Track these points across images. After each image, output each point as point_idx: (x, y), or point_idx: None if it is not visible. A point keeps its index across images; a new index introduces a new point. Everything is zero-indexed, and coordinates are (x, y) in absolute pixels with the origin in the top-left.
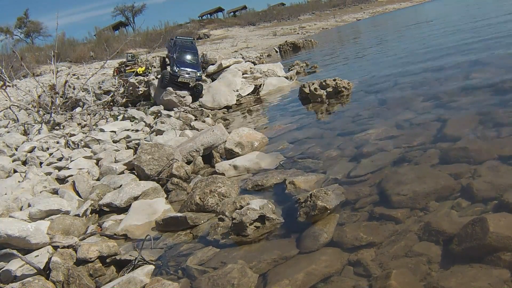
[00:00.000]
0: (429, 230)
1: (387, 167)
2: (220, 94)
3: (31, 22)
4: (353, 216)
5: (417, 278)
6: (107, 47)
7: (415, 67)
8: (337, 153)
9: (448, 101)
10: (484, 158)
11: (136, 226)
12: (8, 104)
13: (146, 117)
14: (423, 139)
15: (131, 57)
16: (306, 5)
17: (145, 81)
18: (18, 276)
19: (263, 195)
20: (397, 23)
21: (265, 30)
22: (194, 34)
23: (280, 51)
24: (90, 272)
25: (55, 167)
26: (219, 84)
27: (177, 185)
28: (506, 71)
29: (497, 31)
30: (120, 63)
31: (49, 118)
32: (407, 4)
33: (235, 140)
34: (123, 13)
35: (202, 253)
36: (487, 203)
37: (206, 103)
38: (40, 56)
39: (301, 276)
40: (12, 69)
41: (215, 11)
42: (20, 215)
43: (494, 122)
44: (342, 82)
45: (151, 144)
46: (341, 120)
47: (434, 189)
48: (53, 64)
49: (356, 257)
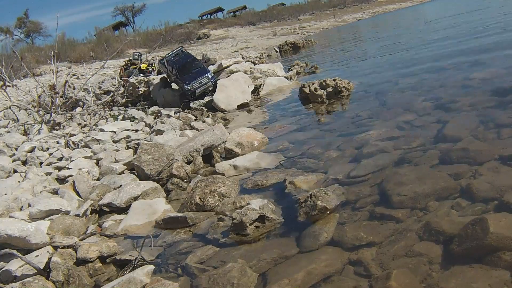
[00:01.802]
0: (430, 230)
1: (387, 168)
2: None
3: (31, 22)
4: (353, 216)
5: (417, 278)
6: (107, 47)
7: (415, 67)
8: (337, 154)
9: (448, 101)
10: (484, 159)
11: (136, 226)
12: (8, 104)
13: (146, 117)
14: (423, 140)
15: (138, 56)
16: (306, 5)
17: (145, 81)
18: (18, 276)
19: (263, 195)
20: (397, 23)
21: (265, 30)
22: (194, 34)
23: (280, 51)
24: (90, 272)
25: (55, 167)
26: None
27: (177, 185)
28: (506, 72)
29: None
30: (126, 61)
31: (49, 118)
32: (407, 4)
33: (235, 140)
34: (123, 13)
35: (202, 251)
36: (487, 204)
37: (220, 104)
38: (40, 56)
39: (301, 275)
40: (12, 69)
41: (215, 11)
42: (20, 215)
43: (494, 123)
44: (342, 82)
45: (151, 144)
46: (341, 121)
47: (435, 189)
48: (53, 64)
49: (357, 257)
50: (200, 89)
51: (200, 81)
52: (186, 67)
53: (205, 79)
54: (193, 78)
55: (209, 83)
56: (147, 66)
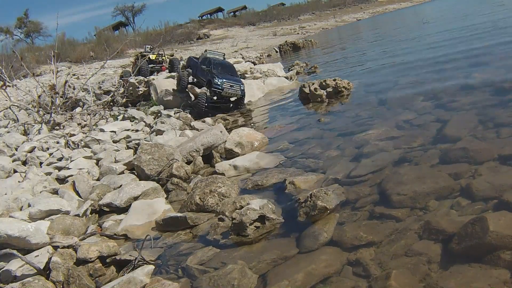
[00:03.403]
0: (429, 229)
1: (387, 167)
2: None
3: (31, 22)
4: (353, 215)
5: (417, 278)
6: (107, 47)
7: (415, 66)
8: (337, 153)
9: (448, 101)
10: (483, 158)
11: (136, 226)
12: (8, 104)
13: (146, 117)
14: (423, 140)
15: (149, 48)
16: (306, 5)
17: (145, 81)
18: (18, 276)
19: (263, 195)
20: (397, 23)
21: (265, 30)
22: (194, 34)
23: (280, 51)
24: (90, 272)
25: (55, 167)
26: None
27: (177, 185)
28: (506, 71)
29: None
30: (137, 54)
31: (49, 118)
32: (407, 4)
33: (235, 140)
34: (123, 13)
35: (202, 253)
36: (487, 203)
37: None
38: (40, 56)
39: (300, 276)
40: (12, 69)
41: (215, 11)
42: (20, 215)
43: (494, 123)
44: (342, 82)
45: (151, 144)
46: (341, 120)
47: (434, 189)
48: (53, 64)
49: (356, 257)
50: (228, 91)
51: (232, 84)
52: (225, 69)
53: (237, 86)
54: (228, 78)
55: (238, 92)
56: (156, 56)
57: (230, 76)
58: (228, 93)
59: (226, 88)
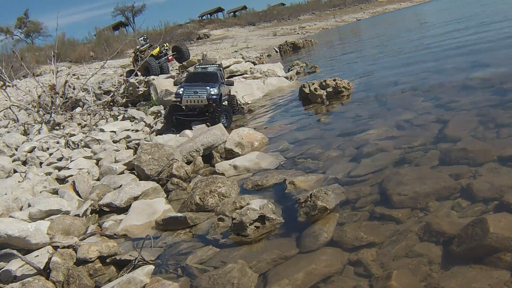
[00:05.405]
0: (430, 230)
1: (387, 168)
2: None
3: (31, 22)
4: (353, 215)
5: (418, 278)
6: (107, 47)
7: (415, 67)
8: (337, 153)
9: (448, 101)
10: (484, 159)
11: (136, 226)
12: (8, 104)
13: (146, 117)
14: (423, 140)
15: (143, 40)
16: (306, 5)
17: (145, 81)
18: (18, 276)
19: (263, 195)
20: (397, 23)
21: (265, 30)
22: (194, 34)
23: (280, 51)
24: (90, 272)
25: (55, 167)
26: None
27: (177, 185)
28: (507, 71)
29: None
30: (135, 51)
31: (49, 118)
32: (407, 4)
33: (235, 140)
34: (123, 13)
35: (202, 252)
36: (487, 204)
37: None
38: (40, 56)
39: (301, 275)
40: (12, 69)
41: (215, 11)
42: (20, 215)
43: (494, 123)
44: (342, 82)
45: (151, 144)
46: (341, 121)
47: (435, 189)
48: (53, 64)
49: (357, 257)
50: (188, 98)
51: (197, 90)
52: (199, 76)
53: (202, 92)
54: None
55: (204, 97)
56: (158, 50)
57: (200, 83)
58: (189, 101)
59: (185, 96)
